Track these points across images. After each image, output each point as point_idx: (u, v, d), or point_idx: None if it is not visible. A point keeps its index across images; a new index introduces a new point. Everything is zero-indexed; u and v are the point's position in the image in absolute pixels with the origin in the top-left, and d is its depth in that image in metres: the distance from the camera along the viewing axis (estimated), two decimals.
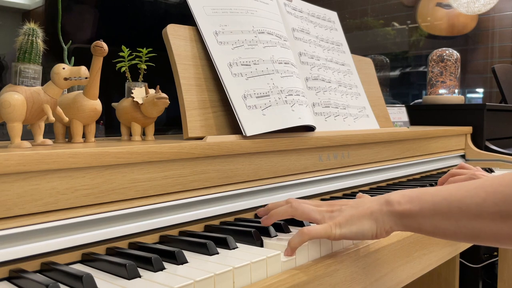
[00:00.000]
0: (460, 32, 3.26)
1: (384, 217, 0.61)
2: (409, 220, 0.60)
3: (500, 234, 0.54)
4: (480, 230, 0.55)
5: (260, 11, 0.99)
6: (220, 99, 0.88)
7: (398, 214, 0.61)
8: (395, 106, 1.72)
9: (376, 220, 0.62)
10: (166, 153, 0.68)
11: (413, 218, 0.60)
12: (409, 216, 0.60)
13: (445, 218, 0.57)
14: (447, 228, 0.58)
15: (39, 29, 0.68)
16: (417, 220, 0.59)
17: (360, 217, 0.62)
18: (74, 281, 0.49)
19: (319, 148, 0.97)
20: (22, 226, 0.54)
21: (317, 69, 1.12)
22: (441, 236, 0.59)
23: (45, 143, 0.69)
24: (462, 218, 0.56)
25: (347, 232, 0.62)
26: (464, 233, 0.57)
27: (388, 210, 0.61)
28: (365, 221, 0.62)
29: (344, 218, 0.63)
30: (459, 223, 0.56)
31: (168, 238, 0.67)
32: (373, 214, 0.62)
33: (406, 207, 0.60)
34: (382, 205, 0.62)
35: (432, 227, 0.59)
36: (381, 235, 0.63)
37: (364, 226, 0.62)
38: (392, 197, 0.62)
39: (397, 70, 3.24)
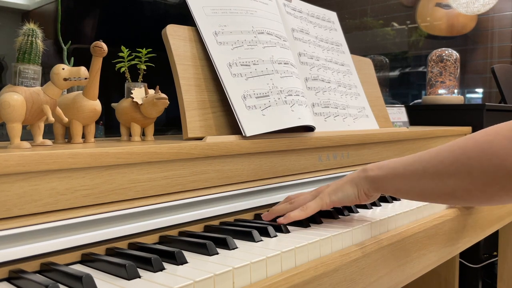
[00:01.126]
0: (459, 32, 3.26)
1: (362, 181, 0.74)
2: (378, 184, 0.73)
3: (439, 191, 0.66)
4: (424, 188, 0.67)
5: (259, 12, 0.99)
6: (219, 99, 0.88)
7: (371, 178, 0.73)
8: (394, 106, 1.72)
9: (357, 185, 0.74)
10: (166, 153, 0.68)
11: (381, 182, 0.72)
12: (378, 180, 0.72)
13: (401, 180, 0.70)
14: (403, 188, 0.70)
15: (38, 30, 0.68)
16: (383, 183, 0.72)
17: (343, 184, 0.75)
18: (74, 282, 0.49)
19: (319, 148, 0.97)
20: (21, 226, 0.54)
21: (316, 69, 1.12)
22: (400, 195, 0.73)
23: (44, 144, 0.69)
24: (412, 179, 0.68)
25: (335, 198, 0.74)
26: (414, 192, 0.69)
27: (364, 175, 0.74)
28: (348, 187, 0.75)
29: (331, 188, 0.76)
30: (411, 183, 0.69)
31: (168, 238, 0.67)
32: (353, 180, 0.75)
33: (376, 173, 0.73)
34: (359, 173, 0.75)
35: (393, 188, 0.72)
36: (363, 198, 0.74)
37: (348, 190, 0.74)
38: (368, 166, 0.75)
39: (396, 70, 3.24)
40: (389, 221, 0.80)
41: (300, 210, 0.73)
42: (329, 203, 0.74)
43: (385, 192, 0.74)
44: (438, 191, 0.66)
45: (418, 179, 0.67)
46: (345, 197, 0.74)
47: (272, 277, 0.57)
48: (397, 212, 0.82)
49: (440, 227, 0.89)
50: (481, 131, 0.63)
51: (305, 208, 0.73)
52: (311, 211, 0.73)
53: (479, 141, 0.62)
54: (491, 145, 0.60)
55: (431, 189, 0.66)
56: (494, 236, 1.63)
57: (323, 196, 0.75)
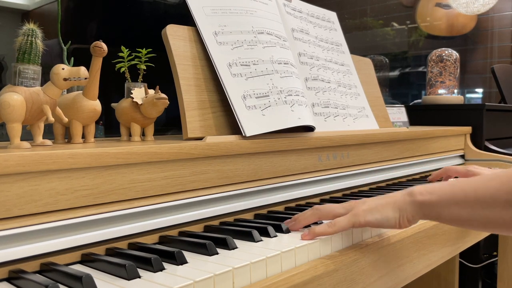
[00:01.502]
0: (459, 32, 3.26)
1: (407, 206, 0.66)
2: (429, 209, 0.65)
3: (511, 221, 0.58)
4: (492, 218, 0.60)
5: (259, 12, 0.99)
6: (219, 99, 0.88)
7: (419, 203, 0.65)
8: (394, 106, 1.72)
9: (400, 209, 0.66)
10: (166, 153, 0.68)
11: (433, 208, 0.64)
12: (429, 206, 0.65)
13: (461, 207, 0.62)
14: (463, 216, 0.62)
15: (38, 30, 0.68)
16: (436, 209, 0.64)
17: (385, 205, 0.67)
18: (73, 282, 0.49)
19: (319, 148, 0.97)
20: (21, 226, 0.54)
21: (316, 69, 1.12)
22: (457, 223, 0.65)
23: (44, 144, 0.69)
24: (476, 206, 0.61)
25: (372, 219, 0.67)
26: (477, 221, 0.61)
27: (410, 200, 0.66)
28: (389, 209, 0.67)
29: (369, 206, 0.68)
30: (473, 211, 0.61)
31: (168, 238, 0.67)
32: (396, 203, 0.67)
33: (427, 198, 0.65)
34: (405, 196, 0.67)
35: (449, 215, 0.63)
36: (404, 224, 0.67)
37: (388, 213, 0.66)
38: (414, 189, 0.67)
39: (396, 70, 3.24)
40: None
41: (327, 226, 0.66)
42: (363, 223, 0.67)
43: (437, 219, 0.66)
44: (510, 222, 0.59)
45: (484, 207, 0.60)
46: (384, 220, 0.67)
47: (272, 277, 0.57)
48: None
49: (440, 227, 0.89)
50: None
51: (333, 225, 0.66)
52: (339, 229, 0.67)
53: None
54: None
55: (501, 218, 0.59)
56: (494, 236, 1.63)
57: (358, 214, 0.67)
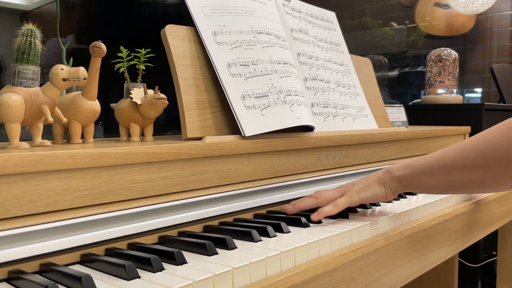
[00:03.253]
0: (458, 32, 3.26)
1: (388, 181, 0.80)
2: (405, 182, 0.79)
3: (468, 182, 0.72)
4: (454, 181, 0.73)
5: (258, 12, 0.99)
6: (218, 99, 0.88)
7: (397, 178, 0.79)
8: (393, 106, 1.72)
9: (384, 184, 0.80)
10: (165, 153, 0.68)
11: (407, 180, 0.78)
12: (405, 179, 0.78)
13: (428, 176, 0.76)
14: (430, 183, 0.76)
15: (37, 30, 0.68)
16: (410, 181, 0.78)
17: (371, 183, 0.80)
18: (73, 282, 0.49)
19: (318, 148, 0.97)
20: (21, 227, 0.54)
21: (315, 69, 1.12)
22: (428, 191, 0.81)
23: (43, 144, 0.69)
24: (440, 174, 0.74)
25: (364, 196, 0.79)
26: (443, 186, 0.75)
27: (390, 176, 0.80)
28: (376, 186, 0.80)
29: (359, 186, 0.80)
30: (439, 178, 0.75)
31: (167, 238, 0.67)
32: (380, 180, 0.80)
33: (402, 172, 0.79)
34: (385, 173, 0.80)
35: (420, 184, 0.78)
36: (389, 196, 0.80)
37: (376, 189, 0.80)
38: (391, 167, 0.81)
39: (395, 70, 3.24)
40: (388, 221, 0.80)
41: (332, 205, 0.76)
42: (357, 201, 0.79)
43: (413, 189, 0.80)
44: (467, 182, 0.72)
45: (446, 173, 0.73)
46: (374, 195, 0.80)
47: (271, 277, 0.57)
48: (397, 212, 0.82)
49: (439, 227, 0.89)
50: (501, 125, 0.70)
51: (336, 204, 0.77)
52: (341, 207, 0.77)
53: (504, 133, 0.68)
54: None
55: (460, 181, 0.73)
56: (493, 235, 1.63)
57: (352, 194, 0.79)
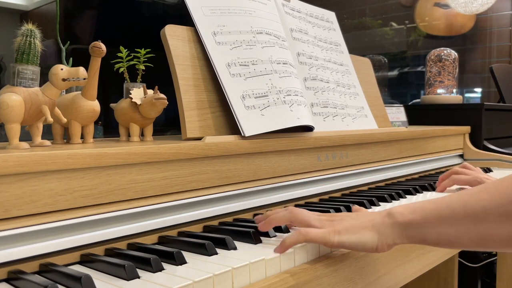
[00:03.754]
0: (458, 32, 3.26)
1: (387, 229, 0.60)
2: (412, 231, 0.59)
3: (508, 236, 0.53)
4: (486, 233, 0.54)
5: (258, 12, 0.99)
6: (218, 99, 0.88)
7: (401, 225, 0.59)
8: (393, 106, 1.72)
9: (378, 232, 0.60)
10: (165, 153, 0.68)
11: (417, 228, 0.58)
12: (413, 226, 0.59)
13: (449, 225, 0.56)
14: (452, 235, 0.56)
15: (37, 30, 0.68)
16: (421, 230, 0.58)
17: (362, 227, 0.61)
18: (73, 282, 0.49)
19: (318, 148, 0.97)
20: (20, 227, 0.54)
21: (315, 69, 1.12)
22: (446, 244, 0.58)
23: (43, 144, 0.69)
24: (467, 223, 0.55)
25: (345, 240, 0.60)
26: (470, 239, 0.55)
27: (391, 222, 0.60)
28: (366, 232, 0.61)
29: (344, 226, 0.61)
30: (464, 228, 0.55)
31: (167, 238, 0.67)
32: (375, 226, 0.61)
33: (409, 217, 0.59)
34: (384, 217, 0.61)
35: (436, 236, 0.57)
36: (382, 249, 0.61)
37: (365, 236, 0.60)
38: (395, 209, 0.61)
39: (395, 70, 3.24)
40: None
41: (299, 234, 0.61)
42: (336, 244, 0.61)
43: (423, 242, 0.59)
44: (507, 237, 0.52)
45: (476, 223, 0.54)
46: (360, 244, 0.60)
47: (271, 277, 0.57)
48: None
49: None
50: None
51: (305, 234, 0.61)
52: (310, 240, 0.61)
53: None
54: None
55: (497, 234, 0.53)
56: None
57: (331, 233, 0.61)
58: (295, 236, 0.60)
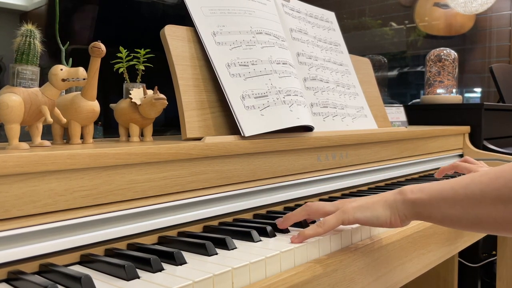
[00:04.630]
0: (457, 32, 3.26)
1: (399, 205, 0.64)
2: (420, 208, 0.63)
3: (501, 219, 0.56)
4: (482, 215, 0.58)
5: (258, 12, 0.99)
6: (218, 99, 0.88)
7: (411, 202, 0.63)
8: (393, 106, 1.72)
9: (391, 207, 0.64)
10: (165, 154, 0.68)
11: (424, 207, 0.63)
12: (420, 205, 0.63)
13: (451, 205, 0.60)
14: (453, 215, 0.60)
15: (36, 31, 0.68)
16: (427, 209, 0.62)
17: (375, 203, 0.65)
18: (72, 283, 0.49)
19: (318, 148, 0.97)
20: (20, 227, 0.54)
21: (315, 69, 1.12)
22: (448, 223, 0.62)
23: (43, 145, 0.69)
24: (466, 204, 0.59)
25: (361, 216, 0.65)
26: (468, 220, 0.59)
27: (402, 198, 0.64)
28: (379, 207, 0.65)
29: (359, 204, 0.66)
30: (464, 209, 0.59)
31: (167, 239, 0.67)
32: (388, 202, 0.65)
33: (418, 196, 0.63)
34: (396, 195, 0.65)
35: (440, 215, 0.61)
36: (396, 223, 0.65)
37: (378, 211, 0.64)
38: (406, 187, 0.65)
39: (395, 70, 3.24)
40: None
41: (317, 226, 0.64)
42: (352, 220, 0.65)
43: (428, 219, 0.64)
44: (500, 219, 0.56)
45: (474, 204, 0.58)
46: (374, 218, 0.64)
47: (271, 277, 0.57)
48: None
49: (439, 227, 0.89)
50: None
51: (322, 224, 0.64)
52: (328, 227, 0.64)
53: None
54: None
55: (491, 216, 0.57)
56: (493, 235, 1.63)
57: (347, 211, 0.65)
58: (314, 229, 0.64)
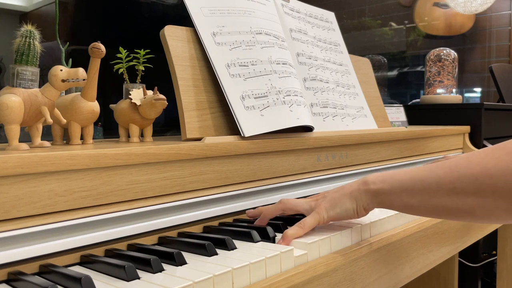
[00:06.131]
0: (457, 31, 3.26)
1: (362, 195, 0.69)
2: (382, 198, 0.67)
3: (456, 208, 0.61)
4: (438, 205, 0.62)
5: (257, 12, 0.99)
6: (218, 100, 0.88)
7: (372, 192, 0.68)
8: (393, 106, 1.72)
9: (356, 199, 0.69)
10: (165, 154, 0.68)
11: (385, 196, 0.67)
12: (382, 194, 0.67)
13: (411, 195, 0.64)
14: (413, 204, 0.64)
15: (36, 31, 0.68)
16: (388, 198, 0.67)
17: (342, 197, 0.70)
18: (73, 283, 0.49)
19: (318, 148, 0.97)
20: (20, 228, 0.54)
21: (315, 70, 1.12)
22: (409, 211, 0.66)
23: (43, 145, 0.69)
24: (424, 195, 0.63)
25: (333, 214, 0.70)
26: (426, 208, 0.64)
27: (364, 189, 0.69)
28: (346, 201, 0.70)
29: (329, 202, 0.71)
30: (421, 199, 0.63)
31: (167, 239, 0.67)
32: (352, 194, 0.70)
33: (379, 186, 0.67)
34: (359, 185, 0.69)
35: (401, 203, 0.66)
36: (361, 212, 0.70)
37: (346, 205, 0.69)
38: (368, 178, 0.69)
39: (394, 70, 3.24)
40: (388, 221, 0.80)
41: (297, 227, 0.69)
42: (326, 219, 0.71)
43: (390, 207, 0.68)
44: (454, 209, 0.61)
45: (431, 195, 0.62)
46: (343, 212, 0.70)
47: (271, 277, 0.57)
48: (395, 212, 0.82)
49: (439, 227, 0.89)
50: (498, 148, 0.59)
51: (302, 225, 0.69)
52: (308, 228, 0.69)
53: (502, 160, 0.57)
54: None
55: (446, 206, 0.61)
56: (493, 235, 1.63)
57: (320, 211, 0.71)
58: (295, 229, 0.68)
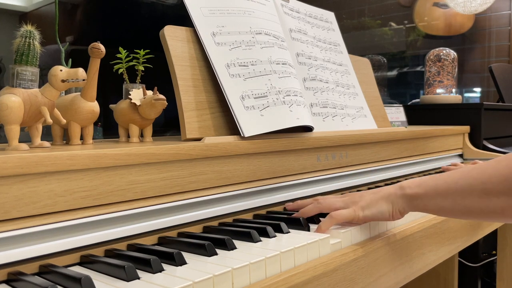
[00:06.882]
0: (457, 31, 3.26)
1: (398, 199, 0.72)
2: (417, 202, 0.71)
3: (487, 209, 0.64)
4: (470, 206, 0.66)
5: (257, 12, 0.99)
6: (218, 100, 0.88)
7: (408, 196, 0.72)
8: (392, 106, 1.72)
9: (392, 202, 0.73)
10: (164, 154, 0.68)
11: (421, 200, 0.71)
12: (418, 198, 0.71)
13: (444, 198, 0.68)
14: (446, 206, 0.68)
15: (36, 32, 0.68)
16: (423, 201, 0.70)
17: (379, 199, 0.74)
18: (72, 283, 0.49)
19: (317, 148, 0.97)
20: (20, 228, 0.54)
21: (314, 70, 1.12)
22: (442, 214, 0.71)
23: (42, 146, 0.69)
24: (456, 196, 0.67)
25: (369, 213, 0.73)
26: (458, 210, 0.67)
27: (401, 193, 0.72)
28: (383, 203, 0.73)
29: (366, 202, 0.74)
30: (454, 201, 0.67)
31: (167, 239, 0.67)
32: (389, 197, 0.73)
33: (415, 191, 0.71)
34: (396, 189, 0.73)
35: (435, 206, 0.70)
36: (396, 215, 0.73)
37: (382, 207, 0.73)
38: (404, 183, 0.73)
39: (394, 70, 3.24)
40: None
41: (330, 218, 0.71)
42: (361, 218, 0.73)
43: (425, 210, 0.72)
44: (486, 210, 0.64)
45: (463, 197, 0.66)
46: (379, 213, 0.73)
47: (271, 277, 0.57)
48: None
49: (439, 227, 0.89)
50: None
51: (335, 216, 0.71)
52: (342, 219, 0.72)
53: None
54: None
55: (478, 207, 0.65)
56: (493, 235, 1.63)
57: (357, 209, 0.73)
58: (328, 220, 0.71)
